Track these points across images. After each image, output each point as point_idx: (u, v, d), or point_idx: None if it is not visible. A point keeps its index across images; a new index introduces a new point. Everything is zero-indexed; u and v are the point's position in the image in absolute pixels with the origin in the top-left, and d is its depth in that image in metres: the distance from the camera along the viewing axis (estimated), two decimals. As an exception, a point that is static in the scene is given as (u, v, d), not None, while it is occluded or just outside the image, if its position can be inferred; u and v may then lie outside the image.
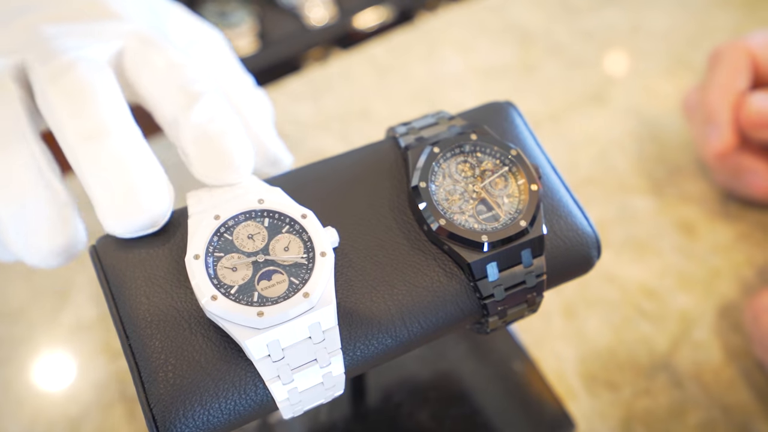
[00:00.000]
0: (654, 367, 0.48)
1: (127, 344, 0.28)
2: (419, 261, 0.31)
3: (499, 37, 0.69)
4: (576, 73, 0.66)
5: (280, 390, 0.28)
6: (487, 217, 0.31)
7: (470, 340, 0.46)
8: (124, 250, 0.30)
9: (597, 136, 0.61)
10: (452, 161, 0.32)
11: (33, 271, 0.52)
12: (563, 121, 0.62)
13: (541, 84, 0.65)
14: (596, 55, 0.67)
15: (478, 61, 0.67)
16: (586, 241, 0.33)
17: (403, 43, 0.68)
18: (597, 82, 0.65)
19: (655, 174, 0.58)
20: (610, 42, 0.68)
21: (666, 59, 0.67)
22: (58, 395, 0.47)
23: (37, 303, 0.51)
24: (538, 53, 0.68)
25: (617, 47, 0.68)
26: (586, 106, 0.63)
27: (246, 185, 0.31)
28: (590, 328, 0.50)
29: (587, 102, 0.64)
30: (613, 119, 0.62)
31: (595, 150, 0.60)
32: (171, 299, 0.29)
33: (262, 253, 0.29)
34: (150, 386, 0.28)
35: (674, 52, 0.68)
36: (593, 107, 0.63)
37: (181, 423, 0.27)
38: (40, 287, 0.51)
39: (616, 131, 0.62)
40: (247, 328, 0.27)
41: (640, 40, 0.68)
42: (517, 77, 0.66)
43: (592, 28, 0.70)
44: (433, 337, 0.31)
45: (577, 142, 0.61)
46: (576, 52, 0.68)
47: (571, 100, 0.64)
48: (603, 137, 0.61)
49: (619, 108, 0.63)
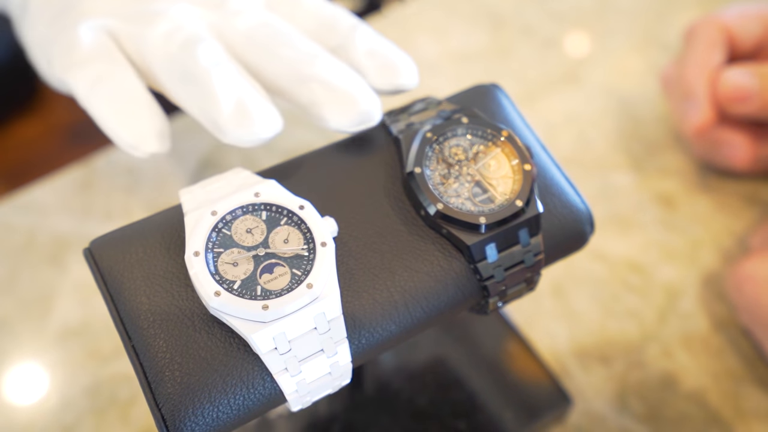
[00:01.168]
0: (644, 339, 0.49)
1: (130, 345, 0.28)
2: (418, 246, 0.31)
3: (471, 22, 0.69)
4: (549, 54, 0.67)
5: (289, 382, 0.28)
6: (483, 198, 0.31)
7: (464, 325, 0.47)
8: (120, 251, 0.30)
9: (574, 115, 0.62)
10: (445, 145, 0.32)
11: (12, 281, 0.51)
12: (539, 102, 0.63)
13: (515, 67, 0.66)
14: (568, 36, 0.68)
15: (451, 46, 0.67)
16: (580, 217, 0.33)
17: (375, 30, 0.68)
18: (570, 63, 0.66)
19: (632, 150, 0.59)
20: (580, 22, 0.69)
21: (636, 36, 0.68)
22: (51, 404, 0.46)
23: (20, 313, 0.50)
24: (510, 36, 0.68)
25: (588, 27, 0.69)
26: (561, 87, 0.64)
27: (241, 179, 0.31)
28: (580, 305, 0.51)
29: (562, 82, 0.64)
30: (588, 98, 0.63)
31: (573, 130, 0.61)
32: (172, 298, 0.29)
33: (262, 247, 0.29)
34: (157, 386, 0.27)
35: (644, 29, 0.68)
36: (568, 87, 0.64)
37: (191, 421, 0.27)
38: (22, 297, 0.50)
39: (592, 110, 0.62)
40: (252, 322, 0.27)
41: (609, 20, 0.69)
42: (491, 61, 0.66)
43: (562, 9, 0.70)
44: (436, 322, 0.31)
45: (555, 122, 0.61)
46: (548, 34, 0.68)
47: (546, 82, 0.64)
48: (580, 117, 0.62)
49: (594, 87, 0.64)
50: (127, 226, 0.31)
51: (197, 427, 0.27)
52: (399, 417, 0.43)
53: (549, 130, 0.61)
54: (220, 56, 0.36)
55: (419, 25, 0.69)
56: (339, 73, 0.35)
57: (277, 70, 0.37)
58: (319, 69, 0.36)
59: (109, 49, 0.38)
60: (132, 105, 0.36)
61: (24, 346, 0.48)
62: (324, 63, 0.36)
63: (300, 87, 0.36)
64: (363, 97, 0.34)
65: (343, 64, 0.37)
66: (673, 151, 0.59)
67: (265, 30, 0.38)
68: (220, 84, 0.34)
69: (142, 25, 0.38)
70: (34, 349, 0.48)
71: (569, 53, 0.67)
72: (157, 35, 0.37)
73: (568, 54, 0.67)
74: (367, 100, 0.34)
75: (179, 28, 0.38)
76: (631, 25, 0.69)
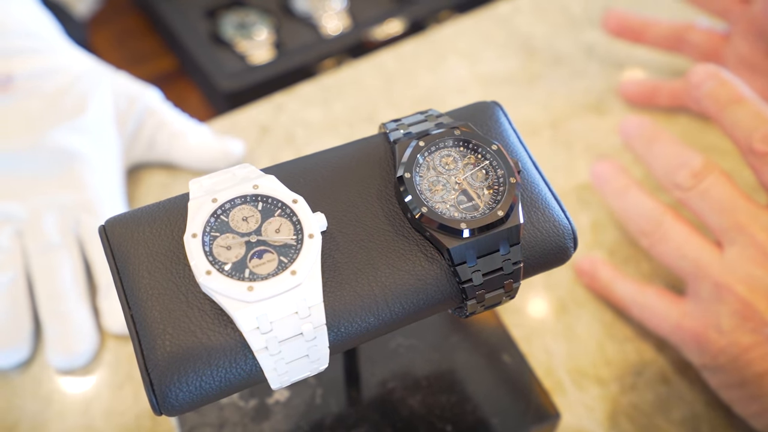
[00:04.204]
0: (642, 364, 0.50)
1: (129, 314, 0.31)
2: (403, 246, 0.33)
3: (504, 48, 0.71)
4: (577, 83, 0.68)
5: (268, 360, 0.30)
6: (467, 206, 0.33)
7: (462, 332, 0.48)
8: (129, 230, 0.33)
9: (595, 144, 0.63)
10: (436, 154, 0.34)
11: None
12: (562, 128, 0.64)
13: (542, 93, 0.67)
14: (598, 67, 0.69)
15: (482, 69, 0.69)
16: (563, 232, 0.35)
17: (412, 51, 0.71)
18: (597, 93, 0.67)
19: (651, 179, 0.60)
20: (611, 54, 0.70)
21: (665, 71, 0.69)
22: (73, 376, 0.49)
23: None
24: (540, 64, 0.70)
25: (619, 60, 0.70)
26: (586, 116, 0.65)
27: (243, 173, 0.34)
28: (581, 325, 0.52)
29: (587, 111, 0.66)
30: (611, 129, 0.64)
31: (593, 157, 0.62)
32: (170, 274, 0.31)
33: (255, 234, 0.31)
34: (148, 353, 0.30)
35: (676, 65, 0.69)
36: (593, 117, 0.65)
37: (176, 387, 0.30)
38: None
39: (614, 140, 0.63)
40: (238, 301, 0.30)
41: (641, 53, 0.70)
42: (519, 86, 0.68)
43: (595, 41, 0.72)
44: (414, 318, 0.33)
45: (575, 148, 0.63)
46: (578, 64, 0.70)
47: (572, 110, 0.66)
48: (600, 145, 0.63)
49: (619, 118, 0.65)
50: (141, 208, 0.34)
51: (181, 393, 0.30)
52: (389, 415, 0.45)
53: (569, 155, 0.62)
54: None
55: (453, 47, 0.71)
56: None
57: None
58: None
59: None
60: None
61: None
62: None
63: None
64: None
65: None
66: (689, 183, 0.59)
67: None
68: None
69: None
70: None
71: (597, 84, 0.68)
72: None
73: (596, 85, 0.68)
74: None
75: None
76: (663, 61, 0.70)
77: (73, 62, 0.60)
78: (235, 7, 0.93)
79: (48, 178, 0.54)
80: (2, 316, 0.49)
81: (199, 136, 0.60)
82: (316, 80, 0.68)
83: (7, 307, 0.50)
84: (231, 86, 0.84)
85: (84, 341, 0.49)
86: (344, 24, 0.91)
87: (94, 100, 0.57)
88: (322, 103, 0.66)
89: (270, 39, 0.90)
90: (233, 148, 0.60)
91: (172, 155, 0.59)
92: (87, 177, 0.55)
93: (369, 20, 0.89)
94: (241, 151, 0.61)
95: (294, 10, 0.93)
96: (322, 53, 0.86)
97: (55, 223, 0.53)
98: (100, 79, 0.59)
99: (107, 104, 0.58)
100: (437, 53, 0.71)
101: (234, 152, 0.60)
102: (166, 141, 0.59)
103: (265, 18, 0.91)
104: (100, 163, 0.56)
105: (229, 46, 0.89)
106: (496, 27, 0.73)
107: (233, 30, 0.90)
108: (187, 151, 0.59)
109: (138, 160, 0.60)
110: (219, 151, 0.59)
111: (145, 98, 0.60)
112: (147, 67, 1.02)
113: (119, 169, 0.58)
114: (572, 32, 0.72)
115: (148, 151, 0.60)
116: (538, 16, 0.74)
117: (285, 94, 0.67)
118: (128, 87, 0.61)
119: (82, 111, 0.56)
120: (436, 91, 0.67)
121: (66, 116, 0.56)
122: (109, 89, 0.59)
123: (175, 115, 0.61)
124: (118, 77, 0.61)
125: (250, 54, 0.88)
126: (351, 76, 0.69)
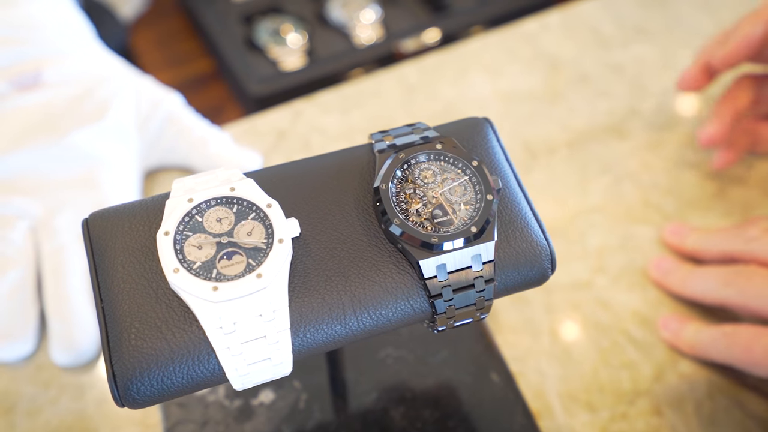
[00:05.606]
0: (636, 393, 0.49)
1: (100, 306, 0.32)
2: (375, 257, 0.33)
3: (528, 65, 0.71)
4: (600, 104, 0.67)
5: (229, 360, 0.31)
6: (441, 221, 0.33)
7: (453, 348, 0.48)
8: (109, 224, 0.33)
9: (610, 166, 0.62)
10: (416, 167, 0.35)
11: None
12: (579, 149, 0.63)
13: (563, 112, 0.67)
14: (624, 89, 0.68)
15: (504, 85, 0.69)
16: (540, 252, 0.34)
17: (435, 64, 0.71)
18: (621, 115, 0.66)
19: (664, 207, 0.59)
20: (638, 77, 0.69)
21: (692, 97, 0.67)
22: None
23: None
24: (564, 82, 0.69)
25: (645, 82, 0.69)
26: (605, 137, 0.64)
27: (226, 175, 0.34)
28: (577, 349, 0.51)
29: (607, 133, 0.65)
30: (630, 152, 0.63)
31: (607, 179, 0.61)
32: (143, 269, 0.32)
33: (227, 236, 0.32)
34: (114, 345, 0.31)
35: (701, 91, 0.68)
36: (613, 139, 0.64)
37: (138, 381, 0.30)
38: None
39: (630, 164, 0.62)
40: (202, 300, 0.30)
41: (668, 77, 0.69)
42: (540, 103, 0.67)
43: (622, 61, 0.71)
44: (383, 329, 0.33)
45: (590, 170, 0.62)
46: (603, 84, 0.69)
47: (591, 130, 0.65)
48: (616, 168, 0.62)
49: (638, 142, 0.64)
50: (124, 203, 0.35)
51: (143, 387, 0.30)
52: (371, 425, 0.45)
53: (583, 176, 0.61)
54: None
55: (477, 61, 0.71)
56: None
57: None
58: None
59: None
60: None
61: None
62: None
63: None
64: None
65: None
66: (704, 213, 0.58)
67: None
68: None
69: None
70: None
71: (620, 106, 0.67)
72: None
73: (619, 106, 0.67)
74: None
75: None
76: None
77: (101, 65, 0.61)
78: (272, 14, 0.95)
79: (66, 178, 0.56)
80: (10, 311, 0.51)
81: (218, 144, 0.61)
82: (337, 88, 0.69)
83: (16, 302, 0.51)
84: (261, 90, 0.85)
85: (87, 339, 0.50)
86: (377, 35, 0.92)
87: (117, 103, 0.59)
88: (341, 111, 0.67)
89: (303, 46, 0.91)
90: (250, 159, 0.61)
91: (190, 161, 0.61)
92: (104, 179, 0.56)
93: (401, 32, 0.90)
94: (258, 163, 0.61)
95: (329, 19, 0.94)
96: (352, 63, 0.87)
97: (68, 222, 0.54)
98: (124, 82, 0.61)
99: (129, 108, 0.60)
100: (460, 67, 0.71)
101: (250, 163, 0.61)
102: (185, 147, 0.61)
103: (300, 26, 0.93)
104: (118, 165, 0.57)
105: (263, 52, 0.91)
106: (522, 44, 0.73)
107: (267, 36, 0.91)
108: (205, 159, 0.60)
109: (157, 163, 0.61)
110: (236, 161, 0.60)
111: (168, 103, 0.62)
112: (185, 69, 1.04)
113: (137, 172, 0.59)
114: (600, 52, 0.71)
115: (167, 155, 0.61)
116: (567, 35, 0.73)
117: (305, 100, 0.68)
118: (152, 91, 0.62)
119: (105, 114, 0.58)
120: (455, 105, 0.67)
121: (88, 118, 0.57)
122: (133, 93, 0.61)
123: (196, 121, 0.62)
124: (143, 81, 0.63)
125: (282, 60, 0.90)
126: (372, 85, 0.69)
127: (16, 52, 0.59)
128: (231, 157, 0.60)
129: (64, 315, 0.50)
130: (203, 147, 0.60)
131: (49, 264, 0.52)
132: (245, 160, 0.60)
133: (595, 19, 0.75)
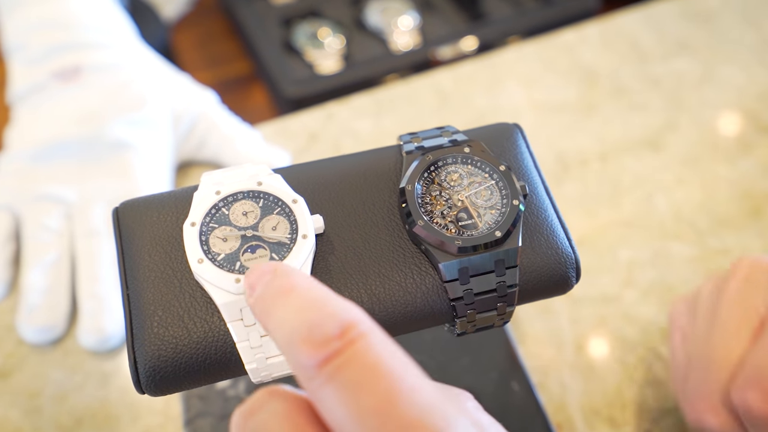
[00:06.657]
0: (661, 412, 0.48)
1: (126, 294, 0.32)
2: (397, 257, 0.33)
3: (564, 76, 0.70)
4: (636, 117, 0.66)
5: (248, 353, 0.31)
6: (466, 224, 0.33)
7: (474, 355, 0.48)
8: (138, 213, 0.34)
9: (645, 180, 0.61)
10: (443, 170, 0.34)
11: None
12: (613, 161, 0.63)
13: (597, 124, 0.66)
14: (660, 102, 0.68)
15: (539, 96, 0.68)
16: (564, 260, 0.34)
17: (470, 72, 0.71)
18: (655, 129, 0.65)
19: (698, 224, 0.58)
20: (676, 91, 0.68)
21: (732, 112, 0.66)
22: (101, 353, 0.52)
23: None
24: (599, 94, 0.68)
25: (683, 96, 0.68)
26: (640, 151, 0.64)
27: (254, 170, 0.35)
28: (601, 363, 0.50)
29: (641, 146, 0.64)
30: (664, 166, 0.62)
31: (640, 193, 0.60)
32: (169, 259, 0.33)
33: (252, 229, 0.32)
34: (137, 332, 0.31)
35: (742, 107, 0.67)
36: (647, 152, 0.64)
37: (158, 369, 0.31)
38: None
39: (665, 178, 0.61)
40: (224, 291, 0.30)
41: (707, 92, 0.68)
42: (575, 114, 0.67)
43: (661, 75, 0.70)
44: (402, 330, 0.33)
45: (622, 183, 0.61)
46: (640, 97, 0.68)
47: (625, 143, 0.64)
48: (650, 181, 0.61)
49: (673, 156, 0.63)
50: (153, 194, 0.35)
51: (163, 375, 0.31)
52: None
53: (615, 189, 0.61)
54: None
55: (512, 71, 0.71)
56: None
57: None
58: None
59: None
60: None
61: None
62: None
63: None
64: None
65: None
66: (739, 232, 0.57)
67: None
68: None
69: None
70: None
71: (657, 119, 0.66)
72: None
73: (655, 120, 0.66)
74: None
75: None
76: (728, 99, 0.67)
77: (138, 60, 0.63)
78: (311, 17, 0.96)
79: (101, 168, 0.57)
80: (43, 294, 0.52)
81: (248, 143, 0.62)
82: (371, 92, 0.69)
83: (49, 285, 0.52)
84: (296, 93, 0.86)
85: (113, 325, 0.51)
86: (414, 41, 0.92)
87: (152, 97, 0.60)
88: (374, 115, 0.67)
89: (340, 51, 0.92)
90: (279, 157, 0.61)
91: (220, 157, 0.62)
92: (137, 170, 0.57)
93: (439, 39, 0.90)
94: (286, 162, 0.62)
95: (366, 24, 0.94)
96: (388, 68, 0.87)
97: (102, 210, 0.55)
98: (160, 78, 0.62)
99: (164, 102, 0.61)
100: (495, 76, 0.70)
101: (279, 161, 0.61)
102: (215, 144, 0.62)
103: (338, 30, 0.93)
104: (151, 157, 0.58)
105: (300, 55, 0.92)
106: (559, 54, 0.72)
107: (305, 39, 0.92)
108: (235, 156, 0.61)
109: (189, 157, 0.62)
110: (265, 158, 0.61)
111: (202, 100, 0.63)
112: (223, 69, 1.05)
113: (170, 164, 0.60)
114: (638, 65, 0.71)
115: (198, 150, 0.62)
116: (605, 47, 0.73)
117: (338, 103, 0.68)
118: (187, 88, 0.63)
119: (140, 107, 0.59)
120: (489, 114, 0.67)
121: (124, 110, 0.59)
122: (168, 88, 0.62)
123: (228, 119, 0.63)
124: (178, 78, 0.64)
125: (319, 63, 0.90)
126: (406, 91, 0.69)
127: (57, 46, 0.60)
128: (260, 155, 0.61)
129: (96, 297, 0.51)
130: (233, 143, 0.61)
131: (82, 250, 0.53)
132: (274, 157, 0.61)
133: (635, 31, 0.74)
